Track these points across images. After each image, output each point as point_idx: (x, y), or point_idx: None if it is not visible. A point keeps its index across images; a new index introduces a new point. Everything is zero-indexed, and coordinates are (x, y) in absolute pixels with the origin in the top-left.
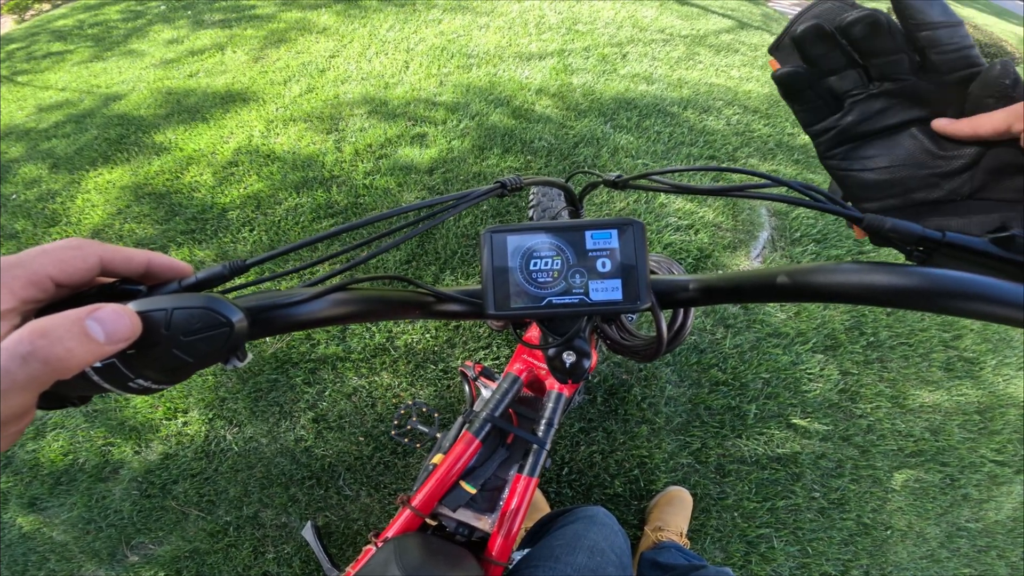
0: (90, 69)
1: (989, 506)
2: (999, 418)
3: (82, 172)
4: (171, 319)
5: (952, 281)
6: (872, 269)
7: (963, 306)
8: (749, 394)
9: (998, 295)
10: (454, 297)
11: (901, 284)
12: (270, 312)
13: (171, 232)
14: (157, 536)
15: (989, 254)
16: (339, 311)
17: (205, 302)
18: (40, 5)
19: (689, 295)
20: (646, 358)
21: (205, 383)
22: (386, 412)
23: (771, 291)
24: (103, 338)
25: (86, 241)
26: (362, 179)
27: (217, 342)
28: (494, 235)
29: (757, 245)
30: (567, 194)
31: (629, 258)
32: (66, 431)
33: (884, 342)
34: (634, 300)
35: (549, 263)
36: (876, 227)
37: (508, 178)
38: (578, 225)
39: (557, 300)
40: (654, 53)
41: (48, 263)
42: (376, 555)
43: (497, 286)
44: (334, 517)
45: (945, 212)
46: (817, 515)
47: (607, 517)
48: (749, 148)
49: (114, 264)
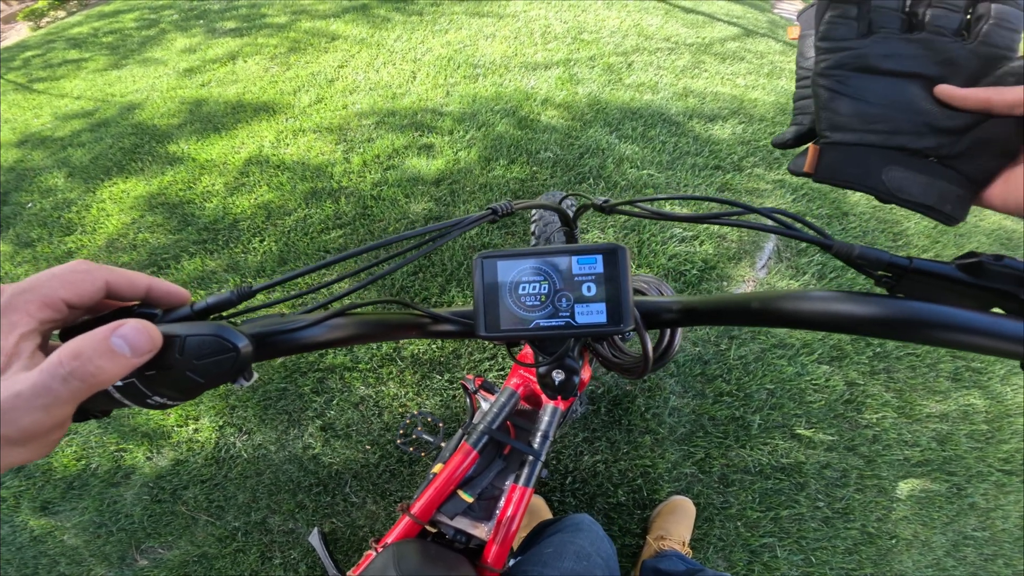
0: (105, 77)
1: (996, 515)
2: (1007, 427)
3: (97, 181)
4: (184, 345)
5: (917, 311)
6: (838, 298)
7: (928, 335)
8: (753, 405)
9: (962, 324)
10: (448, 318)
11: (865, 313)
12: (273, 337)
13: (183, 242)
14: (166, 540)
15: (956, 280)
16: (338, 335)
17: (214, 330)
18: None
19: (672, 316)
20: (634, 376)
21: (216, 392)
22: (392, 421)
23: (747, 315)
24: (128, 352)
25: (93, 265)
26: (370, 190)
27: (225, 365)
28: (485, 260)
29: (763, 256)
30: (561, 216)
31: (613, 282)
32: (80, 436)
33: (891, 352)
34: (618, 323)
35: (537, 287)
36: (845, 253)
37: (500, 204)
38: (564, 251)
39: (544, 323)
40: (659, 62)
41: (60, 286)
42: (375, 560)
43: (488, 309)
44: (340, 524)
45: (916, 167)
46: (821, 524)
47: (593, 524)
48: (755, 157)
49: (119, 287)
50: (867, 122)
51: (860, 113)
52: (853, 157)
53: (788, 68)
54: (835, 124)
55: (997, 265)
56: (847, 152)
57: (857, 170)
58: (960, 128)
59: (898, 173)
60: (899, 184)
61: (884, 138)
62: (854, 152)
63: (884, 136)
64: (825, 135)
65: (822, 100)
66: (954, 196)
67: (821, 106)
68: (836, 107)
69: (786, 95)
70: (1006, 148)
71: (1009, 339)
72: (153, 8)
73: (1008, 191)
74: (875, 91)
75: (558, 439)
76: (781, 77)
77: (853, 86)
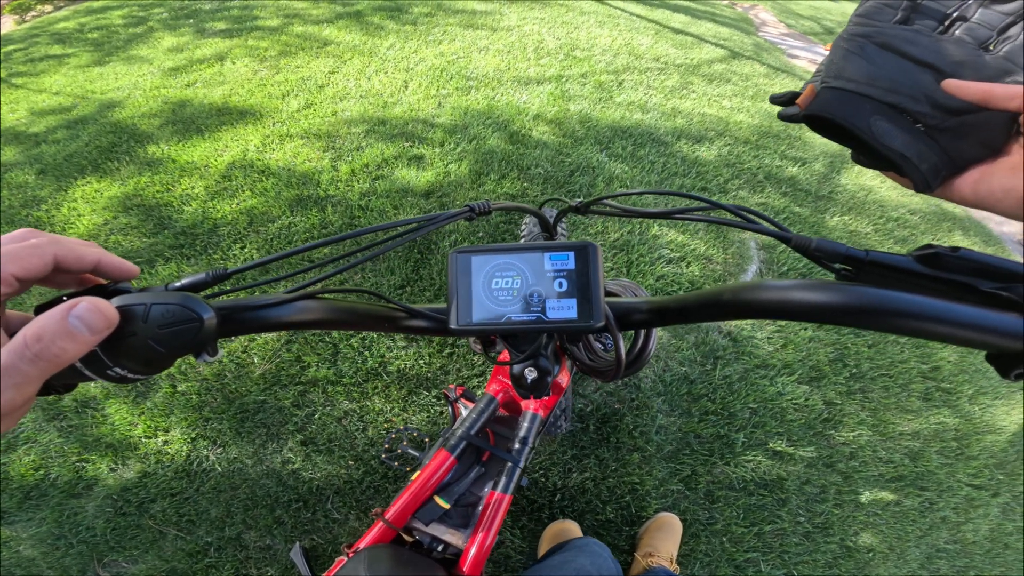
0: (87, 74)
1: (967, 528)
2: (975, 444)
3: (70, 180)
4: (149, 313)
5: (880, 299)
6: (801, 286)
7: (890, 322)
8: (737, 423)
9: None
10: (421, 313)
11: (828, 301)
12: (240, 313)
13: (159, 246)
14: (132, 555)
15: (912, 271)
16: (307, 317)
17: (180, 300)
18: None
19: (643, 316)
20: (608, 378)
21: (188, 402)
22: (377, 437)
23: (715, 309)
24: (86, 331)
25: (43, 237)
26: (358, 200)
27: (188, 335)
28: (459, 255)
29: (746, 278)
30: (540, 220)
31: (584, 279)
32: (38, 446)
33: (866, 373)
34: (588, 319)
35: (509, 282)
36: (803, 246)
37: (477, 203)
38: (537, 247)
39: (516, 317)
40: (649, 82)
41: (8, 262)
42: (347, 565)
43: (461, 303)
44: (321, 540)
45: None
46: (802, 539)
47: (597, 546)
48: (739, 180)
49: (67, 261)
50: (870, 79)
51: (866, 72)
52: (848, 100)
53: (772, 91)
54: (840, 74)
55: (953, 256)
56: (843, 95)
57: (848, 110)
58: (955, 109)
59: (885, 124)
60: (884, 132)
61: (882, 93)
62: (850, 96)
63: (882, 92)
64: (827, 80)
65: (836, 57)
66: (932, 161)
67: (832, 62)
68: (846, 63)
69: (769, 118)
70: (990, 139)
71: (970, 327)
72: (143, 5)
73: (981, 181)
74: (887, 62)
75: (547, 456)
76: (765, 100)
77: (869, 53)
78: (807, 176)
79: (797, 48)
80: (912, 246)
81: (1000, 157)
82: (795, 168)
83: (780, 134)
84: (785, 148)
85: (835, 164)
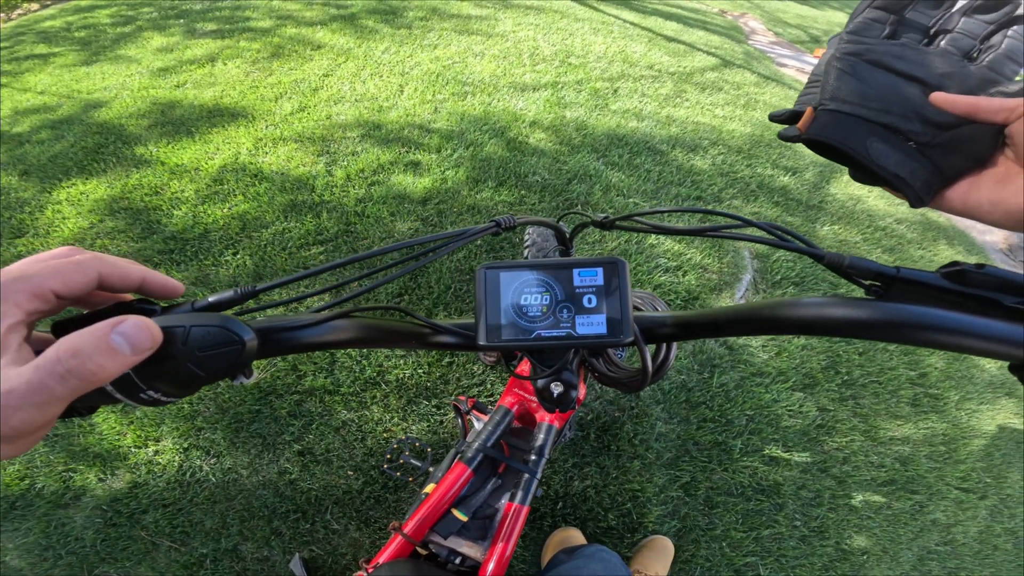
0: (73, 73)
1: (956, 530)
2: (963, 448)
3: (54, 182)
4: (188, 335)
5: (908, 314)
6: (833, 303)
7: (919, 336)
8: (734, 430)
9: (952, 326)
10: (448, 329)
11: (860, 316)
12: (278, 334)
13: (147, 251)
14: (124, 566)
15: (940, 288)
16: (340, 336)
17: (221, 321)
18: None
19: (669, 330)
20: (631, 389)
21: (180, 411)
22: (376, 447)
23: (751, 324)
24: (128, 350)
25: (86, 254)
26: (354, 205)
27: (229, 358)
28: (488, 271)
29: (740, 287)
30: (558, 234)
31: (613, 294)
32: (23, 456)
33: (857, 380)
34: (618, 334)
35: (539, 298)
36: (836, 263)
37: (503, 217)
38: (566, 263)
39: (546, 333)
40: (644, 89)
41: (50, 277)
42: None
43: (489, 319)
44: (320, 551)
45: (896, 145)
46: (799, 543)
47: (607, 553)
48: (733, 189)
49: (111, 279)
50: (864, 99)
51: (859, 92)
52: (844, 123)
53: (763, 100)
54: (835, 96)
55: (979, 273)
56: (840, 118)
57: (845, 133)
58: (944, 124)
59: (880, 145)
60: (879, 153)
61: (875, 114)
62: (846, 119)
63: (875, 112)
64: (824, 103)
65: (830, 78)
66: (924, 178)
67: (827, 83)
68: (840, 84)
69: (761, 127)
70: (978, 152)
71: (996, 340)
72: (131, 4)
73: (970, 193)
74: (878, 80)
75: (548, 464)
76: (756, 108)
77: (860, 72)
78: (798, 185)
79: (785, 56)
80: (899, 255)
81: (987, 168)
82: (787, 177)
83: (772, 143)
84: (777, 157)
85: (825, 174)
